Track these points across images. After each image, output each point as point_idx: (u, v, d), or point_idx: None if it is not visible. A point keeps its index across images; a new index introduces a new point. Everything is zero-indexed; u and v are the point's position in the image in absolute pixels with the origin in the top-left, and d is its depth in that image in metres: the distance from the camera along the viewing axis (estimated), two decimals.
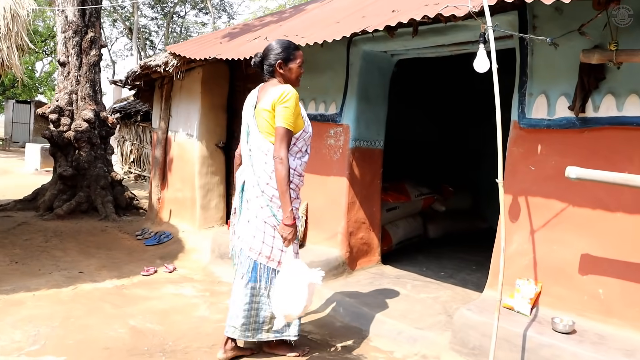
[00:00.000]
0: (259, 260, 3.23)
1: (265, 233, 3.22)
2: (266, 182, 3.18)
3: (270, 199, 3.18)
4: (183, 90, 6.94)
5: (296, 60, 3.23)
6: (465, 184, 7.10)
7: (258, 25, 6.36)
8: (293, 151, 3.19)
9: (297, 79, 3.29)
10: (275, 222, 3.18)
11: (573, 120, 3.31)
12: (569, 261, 3.35)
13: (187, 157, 6.82)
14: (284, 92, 3.08)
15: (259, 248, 3.22)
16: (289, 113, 3.05)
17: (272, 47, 3.24)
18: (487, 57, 2.94)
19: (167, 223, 7.15)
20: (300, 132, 3.18)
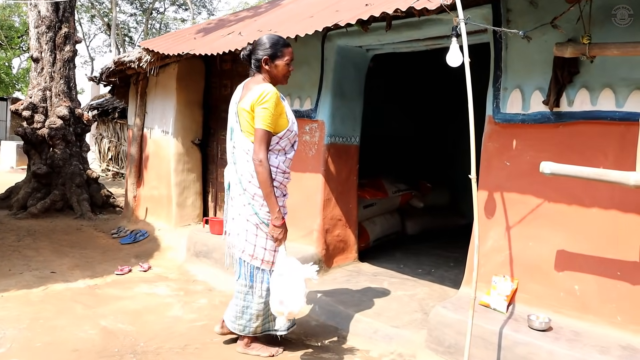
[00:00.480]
0: (243, 258, 3.22)
1: (248, 231, 3.18)
2: (248, 180, 3.13)
3: (252, 196, 3.13)
4: (158, 87, 6.83)
5: (284, 57, 3.15)
6: (443, 180, 7.07)
7: (233, 20, 6.27)
8: (275, 149, 3.13)
9: (283, 77, 3.21)
10: (257, 220, 3.13)
11: (548, 115, 3.27)
12: (545, 257, 3.32)
13: (163, 154, 6.71)
14: (263, 92, 3.02)
15: (242, 246, 3.21)
16: (267, 114, 3.00)
17: (261, 42, 3.17)
18: (460, 51, 2.90)
19: (143, 221, 7.03)
20: (284, 131, 3.13)
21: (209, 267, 5.17)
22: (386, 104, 6.59)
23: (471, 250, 3.68)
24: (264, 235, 3.16)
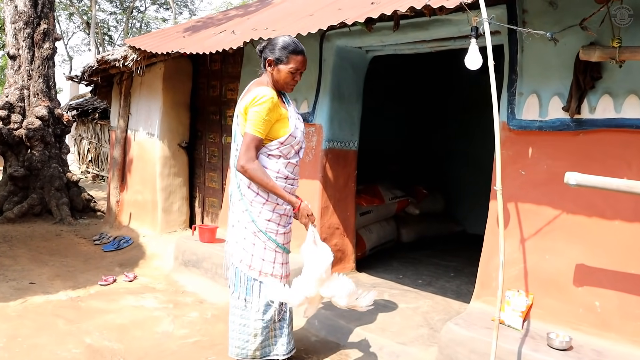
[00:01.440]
0: (240, 268, 2.98)
1: (246, 239, 2.96)
2: (247, 184, 2.92)
3: (250, 202, 2.91)
4: (143, 87, 6.55)
5: (288, 64, 2.89)
6: (437, 186, 6.90)
7: (222, 19, 6.02)
8: (274, 154, 2.91)
9: (285, 85, 2.95)
10: (255, 228, 2.91)
11: (567, 122, 3.10)
12: (563, 271, 3.14)
13: (148, 157, 6.43)
14: (257, 96, 2.82)
15: (240, 255, 2.98)
16: (257, 119, 2.79)
17: (273, 42, 2.95)
18: (480, 53, 2.72)
19: (126, 227, 6.74)
20: (286, 137, 2.91)
21: (199, 278, 4.92)
22: (380, 107, 6.41)
23: (484, 263, 3.50)
24: (262, 245, 2.93)
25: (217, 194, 6.27)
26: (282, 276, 2.99)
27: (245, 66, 5.52)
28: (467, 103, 6.94)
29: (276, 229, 2.94)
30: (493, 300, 3.40)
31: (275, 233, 2.93)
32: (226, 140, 6.08)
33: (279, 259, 2.98)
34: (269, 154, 2.89)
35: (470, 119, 6.88)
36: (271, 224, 2.92)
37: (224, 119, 6.14)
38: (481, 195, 5.09)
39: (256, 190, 2.89)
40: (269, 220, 2.91)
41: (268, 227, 2.91)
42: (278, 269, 2.97)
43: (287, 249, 3.04)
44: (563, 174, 3.13)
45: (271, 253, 2.94)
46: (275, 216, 2.93)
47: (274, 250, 2.95)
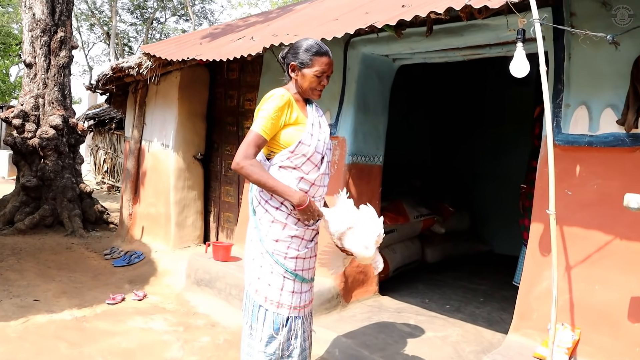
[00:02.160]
0: (249, 291, 2.68)
1: (255, 260, 2.65)
2: (258, 200, 2.62)
3: (259, 219, 2.62)
4: (159, 96, 6.33)
5: (313, 67, 2.60)
6: (463, 204, 6.56)
7: (242, 25, 5.79)
8: (286, 165, 2.58)
9: (310, 90, 2.65)
10: (262, 249, 2.60)
11: (622, 137, 2.78)
12: (615, 304, 2.81)
13: (162, 169, 6.19)
14: (268, 94, 2.56)
15: (249, 277, 2.69)
16: (264, 116, 2.50)
17: (295, 46, 2.67)
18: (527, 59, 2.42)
19: (138, 241, 6.49)
20: (296, 144, 2.56)
21: (212, 298, 4.63)
22: (403, 120, 6.11)
23: (524, 292, 3.17)
24: (269, 268, 2.61)
25: (233, 208, 6.00)
26: (291, 306, 2.66)
27: (265, 75, 5.26)
28: (497, 117, 6.62)
29: (285, 252, 2.60)
30: (534, 334, 3.09)
31: (283, 256, 2.60)
32: None
33: (288, 287, 2.64)
34: (279, 165, 2.58)
35: (500, 134, 6.55)
36: (279, 246, 2.60)
37: (241, 131, 5.88)
38: (510, 214, 4.77)
39: (265, 207, 2.59)
40: (276, 241, 2.59)
41: (275, 249, 2.59)
42: (287, 297, 2.63)
43: (303, 277, 2.69)
44: (616, 195, 2.84)
45: (278, 278, 2.62)
46: (285, 236, 2.59)
47: (282, 275, 2.61)
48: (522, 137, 5.69)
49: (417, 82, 6.21)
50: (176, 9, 25.01)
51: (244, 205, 5.24)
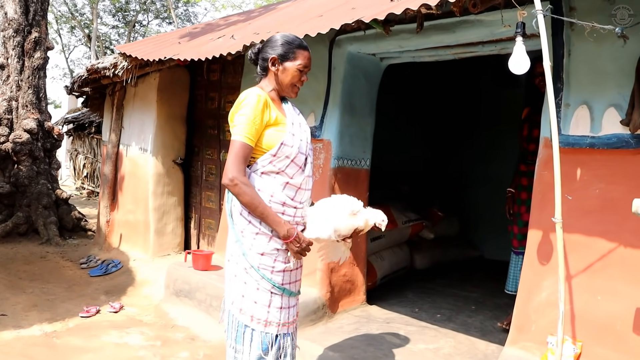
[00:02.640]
0: (232, 311, 2.44)
1: (237, 277, 2.43)
2: (239, 211, 2.40)
3: (240, 232, 2.40)
4: (137, 99, 6.09)
5: (296, 60, 2.43)
6: (452, 208, 6.38)
7: (223, 24, 5.57)
8: (268, 171, 2.38)
9: (291, 86, 2.48)
10: (246, 264, 2.38)
11: (626, 139, 2.62)
12: (620, 316, 2.64)
13: (140, 174, 5.95)
14: (240, 97, 2.35)
15: (232, 296, 2.45)
16: (244, 121, 2.28)
17: (273, 39, 2.49)
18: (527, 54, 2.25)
19: (116, 249, 6.23)
20: (278, 146, 2.37)
21: (192, 310, 4.40)
22: (390, 122, 5.92)
23: (521, 303, 2.99)
24: (254, 284, 2.40)
25: (215, 214, 5.77)
26: (280, 323, 2.46)
27: (246, 75, 5.06)
28: (490, 120, 6.46)
29: (272, 266, 2.39)
30: (532, 347, 2.91)
31: (270, 270, 2.39)
32: (224, 157, 5.60)
33: (276, 303, 2.43)
34: (261, 171, 2.37)
35: (492, 137, 6.39)
36: (265, 259, 2.38)
37: (223, 134, 5.67)
38: (501, 219, 4.62)
39: (247, 218, 2.37)
40: (262, 255, 2.37)
41: (261, 263, 2.38)
42: (275, 314, 2.43)
43: (290, 290, 2.50)
44: (620, 200, 2.67)
45: (265, 295, 2.41)
46: (271, 249, 2.38)
47: (269, 291, 2.40)
48: (515, 140, 5.54)
49: (405, 84, 6.03)
50: (159, 12, 24.66)
51: (225, 213, 5.01)
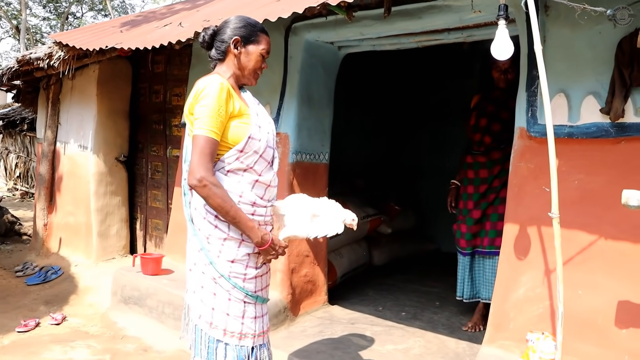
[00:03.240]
0: (200, 326, 2.19)
1: (204, 288, 2.18)
2: (202, 215, 2.15)
3: (206, 238, 2.15)
4: (75, 92, 5.67)
5: (259, 44, 2.21)
6: (408, 202, 6.27)
7: (167, 12, 5.24)
8: (235, 169, 2.14)
9: (253, 72, 2.25)
10: (214, 274, 2.14)
11: (606, 127, 2.52)
12: (601, 310, 2.55)
13: (81, 173, 5.55)
14: (199, 86, 2.09)
15: (199, 309, 2.20)
16: (207, 113, 2.03)
17: (233, 20, 2.25)
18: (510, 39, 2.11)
19: (56, 254, 5.80)
20: (245, 140, 2.13)
21: (143, 318, 4.10)
22: (342, 115, 5.72)
23: (498, 300, 2.88)
24: (225, 295, 2.16)
25: (162, 214, 5.44)
26: (255, 334, 2.24)
27: (194, 67, 4.76)
28: (443, 111, 6.38)
29: (244, 273, 2.17)
30: (511, 345, 2.81)
31: (242, 278, 2.17)
32: (172, 153, 5.29)
33: (250, 312, 2.22)
34: (227, 169, 2.13)
35: (445, 130, 6.31)
36: (237, 266, 2.16)
37: (169, 129, 5.34)
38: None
39: (214, 222, 2.13)
40: (232, 262, 2.15)
41: (232, 271, 2.15)
42: (249, 325, 2.21)
43: (262, 297, 2.29)
44: (600, 191, 2.58)
45: (238, 305, 2.18)
46: (242, 255, 2.16)
47: (242, 300, 2.18)
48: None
49: (357, 73, 5.84)
50: (93, 4, 23.66)
51: (175, 212, 4.72)
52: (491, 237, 3.76)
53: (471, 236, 3.84)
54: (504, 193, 3.57)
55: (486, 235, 3.80)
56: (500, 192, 3.69)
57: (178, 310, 3.85)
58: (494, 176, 3.77)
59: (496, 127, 3.77)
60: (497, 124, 3.77)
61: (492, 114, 3.80)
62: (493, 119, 3.78)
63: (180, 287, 3.97)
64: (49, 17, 23.72)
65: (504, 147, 3.67)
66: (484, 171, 3.80)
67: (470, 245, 3.85)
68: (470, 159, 3.89)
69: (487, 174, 3.79)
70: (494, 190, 3.78)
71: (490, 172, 3.78)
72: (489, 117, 3.80)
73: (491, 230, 3.77)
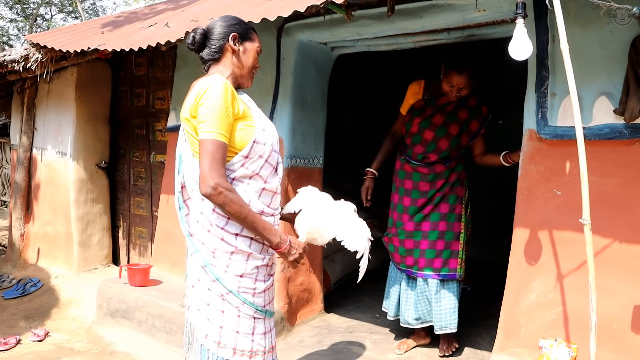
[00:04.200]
0: (207, 346, 2.05)
1: (211, 306, 2.05)
2: (206, 229, 2.02)
3: (211, 253, 2.02)
4: (52, 96, 5.46)
5: (254, 41, 2.15)
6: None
7: (149, 13, 5.06)
8: (241, 176, 2.01)
9: (250, 72, 2.16)
10: (222, 290, 2.01)
11: (619, 129, 2.46)
12: (616, 315, 2.50)
13: (59, 180, 5.33)
14: (203, 87, 1.95)
15: (205, 328, 2.06)
16: (214, 115, 1.90)
17: (225, 19, 2.14)
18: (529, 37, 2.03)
19: (34, 266, 5.57)
20: (250, 144, 2.00)
21: (131, 332, 3.93)
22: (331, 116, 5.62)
23: (508, 307, 2.80)
24: (234, 311, 2.03)
25: (146, 222, 5.27)
26: (265, 351, 2.12)
27: (180, 69, 4.60)
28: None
29: (253, 287, 2.06)
30: (523, 353, 2.73)
31: (252, 293, 2.05)
32: (155, 159, 5.11)
33: (260, 328, 2.10)
34: (232, 177, 2.01)
35: None
36: (246, 281, 2.04)
37: (152, 134, 5.17)
38: None
39: (220, 235, 2.00)
40: (241, 276, 2.03)
41: (241, 286, 2.03)
42: (259, 341, 2.09)
43: (271, 310, 2.18)
44: (613, 194, 2.52)
45: (248, 322, 2.06)
46: (251, 269, 2.05)
47: (252, 317, 2.06)
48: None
49: (349, 76, 5.75)
50: (63, 5, 23.11)
51: (163, 220, 4.55)
52: (429, 257, 3.30)
53: (405, 251, 3.39)
54: (445, 208, 3.29)
55: (422, 255, 3.32)
56: (441, 207, 3.30)
57: (169, 323, 3.71)
58: (436, 190, 3.30)
59: (444, 145, 3.30)
60: (444, 140, 3.29)
61: (440, 127, 3.30)
62: (441, 134, 3.29)
63: (171, 298, 3.84)
64: (16, 19, 23.10)
65: (449, 163, 3.32)
66: (425, 184, 3.33)
67: (404, 261, 3.43)
68: (409, 168, 3.40)
69: (428, 188, 3.32)
70: (432, 203, 3.31)
71: (433, 185, 3.31)
72: (437, 131, 3.30)
73: (429, 250, 3.31)
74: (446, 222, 3.31)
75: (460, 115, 3.30)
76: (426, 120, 3.33)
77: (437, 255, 3.30)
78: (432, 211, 3.32)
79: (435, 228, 3.31)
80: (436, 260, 3.30)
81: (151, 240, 5.07)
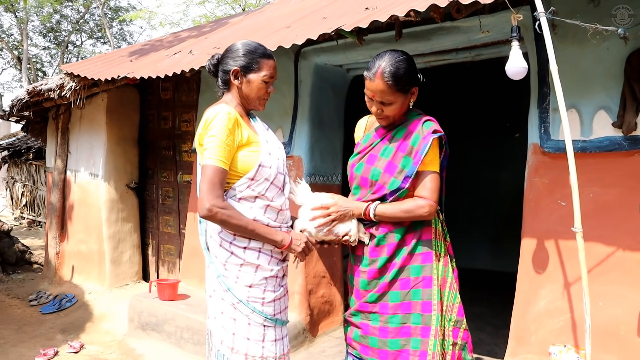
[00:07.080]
0: (222, 351, 2.21)
1: (224, 314, 2.20)
2: (218, 242, 2.18)
3: (223, 265, 2.17)
4: (84, 121, 5.75)
5: (260, 71, 2.22)
6: None
7: (174, 40, 5.33)
8: (247, 196, 2.17)
9: (258, 99, 2.27)
10: (233, 299, 2.16)
11: (619, 141, 2.57)
12: (622, 321, 2.59)
13: (92, 201, 5.60)
14: (208, 117, 2.11)
15: (220, 335, 2.21)
16: (215, 144, 2.07)
17: (233, 48, 2.26)
18: (525, 58, 2.17)
19: (69, 282, 5.83)
20: (255, 168, 2.16)
21: (161, 344, 4.11)
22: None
23: (519, 314, 2.90)
24: (245, 319, 2.18)
25: (174, 239, 5.48)
26: (276, 357, 2.26)
27: (204, 93, 4.84)
28: None
29: (262, 297, 2.19)
30: (533, 359, 2.81)
31: (261, 302, 2.19)
32: (182, 179, 5.34)
33: (270, 336, 2.23)
34: (239, 197, 2.16)
35: None
36: (255, 291, 2.18)
37: (179, 155, 5.40)
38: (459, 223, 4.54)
39: (229, 249, 2.15)
40: (250, 287, 2.17)
41: (250, 296, 2.17)
42: (270, 348, 2.23)
43: (282, 319, 2.31)
44: (615, 203, 2.63)
45: (258, 329, 2.20)
46: (259, 279, 2.18)
47: (262, 324, 2.20)
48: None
49: (359, 96, 5.93)
50: (92, 32, 23.87)
51: (190, 237, 4.76)
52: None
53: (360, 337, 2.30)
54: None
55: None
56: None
57: (197, 335, 3.88)
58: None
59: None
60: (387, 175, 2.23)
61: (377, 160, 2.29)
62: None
63: (198, 311, 4.01)
64: (49, 47, 23.92)
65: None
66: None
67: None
68: None
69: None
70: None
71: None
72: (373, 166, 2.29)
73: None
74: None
75: (402, 147, 2.25)
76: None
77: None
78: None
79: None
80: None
81: (179, 257, 5.27)
